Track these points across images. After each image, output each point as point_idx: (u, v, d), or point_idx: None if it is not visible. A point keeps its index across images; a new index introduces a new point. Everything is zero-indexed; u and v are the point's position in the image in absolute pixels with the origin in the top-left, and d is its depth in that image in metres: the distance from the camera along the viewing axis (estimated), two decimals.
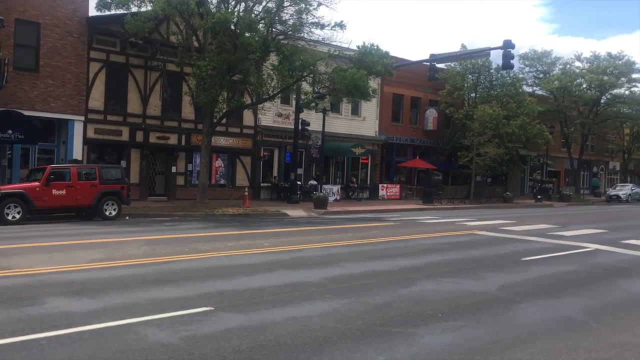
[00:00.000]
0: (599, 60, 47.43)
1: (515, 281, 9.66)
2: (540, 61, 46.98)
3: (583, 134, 48.67)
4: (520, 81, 43.12)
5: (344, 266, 10.55)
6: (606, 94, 47.24)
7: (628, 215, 27.98)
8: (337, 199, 31.95)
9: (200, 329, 6.24)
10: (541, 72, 47.07)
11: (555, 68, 47.31)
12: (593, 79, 44.88)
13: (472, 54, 31.38)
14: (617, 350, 5.98)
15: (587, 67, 47.47)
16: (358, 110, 36.48)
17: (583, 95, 45.94)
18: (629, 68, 46.53)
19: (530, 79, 47.30)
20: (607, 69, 45.73)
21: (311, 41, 24.01)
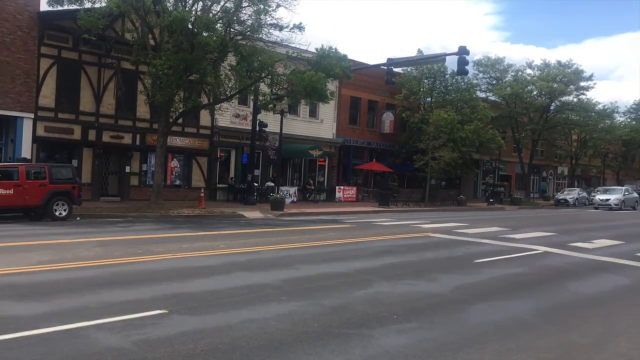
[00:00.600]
0: (549, 68, 48.94)
1: (468, 283, 9.85)
2: (494, 68, 48.15)
3: (533, 139, 50.09)
4: (474, 87, 44.04)
5: (300, 268, 10.55)
6: (556, 101, 48.77)
7: (575, 219, 28.91)
8: (294, 201, 31.93)
9: (153, 333, 6.13)
10: (494, 78, 48.23)
11: (508, 75, 48.57)
12: (543, 86, 46.26)
13: (428, 59, 31.87)
14: (565, 350, 6.17)
15: (537, 74, 48.92)
16: (316, 112, 36.57)
17: (534, 101, 47.29)
18: (578, 76, 48.18)
19: (484, 85, 48.43)
20: (556, 77, 47.22)
21: (270, 42, 23.93)
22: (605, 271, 11.81)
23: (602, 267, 12.38)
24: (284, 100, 26.45)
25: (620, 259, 13.43)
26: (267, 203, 27.26)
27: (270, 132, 30.35)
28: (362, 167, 40.09)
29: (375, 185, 40.90)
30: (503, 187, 48.32)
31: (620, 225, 24.99)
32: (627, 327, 7.20)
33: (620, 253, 14.58)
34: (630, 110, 70.04)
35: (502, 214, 32.70)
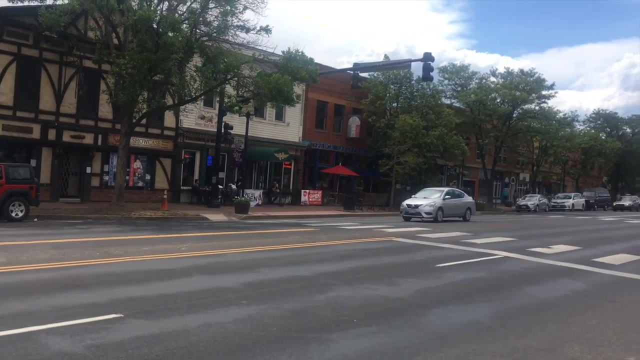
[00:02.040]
0: (512, 77, 49.99)
1: (428, 287, 9.92)
2: (458, 75, 48.91)
3: (496, 146, 51.02)
4: (439, 93, 44.66)
5: (262, 271, 10.47)
6: (518, 108, 49.82)
7: (535, 225, 29.49)
8: (259, 204, 31.79)
9: (107, 337, 5.97)
10: (459, 85, 48.99)
11: (472, 82, 49.41)
12: (506, 94, 47.20)
13: (394, 65, 32.21)
14: (520, 354, 6.24)
15: (501, 82, 49.91)
16: (282, 115, 36.52)
17: (497, 109, 48.18)
18: (539, 85, 49.33)
19: (449, 92, 49.15)
20: (519, 85, 48.26)
21: (236, 44, 23.81)
22: (562, 276, 12.04)
23: (559, 272, 12.61)
24: (250, 102, 26.35)
25: (576, 264, 13.71)
26: (231, 206, 27.07)
27: (235, 135, 30.18)
28: (328, 170, 40.18)
29: (341, 189, 41.05)
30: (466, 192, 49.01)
31: (579, 231, 25.57)
32: (582, 332, 7.33)
33: (577, 258, 14.90)
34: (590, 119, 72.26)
35: None
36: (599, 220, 37.45)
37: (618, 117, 73.03)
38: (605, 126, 72.61)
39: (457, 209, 29.03)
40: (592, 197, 60.92)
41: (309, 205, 35.37)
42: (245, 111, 27.10)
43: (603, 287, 11.01)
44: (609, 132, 72.20)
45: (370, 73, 39.68)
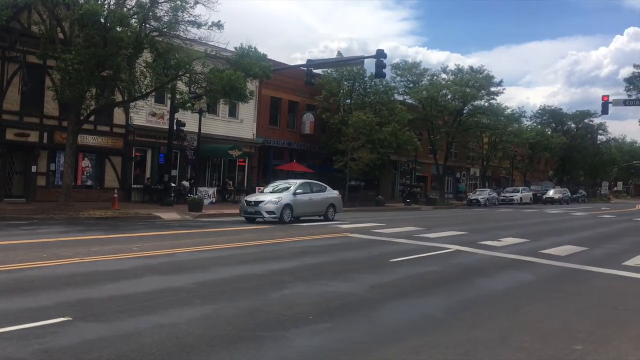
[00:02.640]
0: (462, 74, 50.95)
1: (383, 282, 10.01)
2: (410, 72, 49.52)
3: (448, 141, 51.94)
4: (392, 90, 45.11)
5: (216, 270, 10.34)
6: (468, 105, 50.84)
7: (485, 218, 30.20)
8: (212, 202, 31.42)
9: (55, 342, 5.77)
10: (411, 82, 49.60)
11: (424, 79, 50.12)
12: (457, 90, 48.09)
13: (347, 62, 32.33)
14: (473, 345, 6.37)
15: (452, 79, 50.81)
16: (235, 112, 36.19)
17: (448, 105, 49.04)
18: (488, 82, 50.46)
19: (402, 88, 49.72)
20: (469, 82, 49.22)
21: (187, 40, 23.39)
22: (511, 268, 12.37)
23: (509, 264, 12.95)
24: (203, 99, 25.99)
25: (525, 256, 14.11)
26: (184, 204, 26.66)
27: (188, 132, 29.72)
28: (282, 167, 40.03)
29: None
30: (419, 187, 49.80)
31: (527, 224, 26.34)
32: (531, 322, 7.54)
33: (525, 250, 15.35)
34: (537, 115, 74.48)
35: (418, 213, 33.66)
36: (545, 213, 38.66)
37: (563, 113, 75.51)
38: (551, 122, 74.95)
39: (314, 206, 23.77)
40: (539, 190, 62.87)
41: None
42: (198, 108, 26.69)
43: (550, 278, 11.36)
44: (554, 127, 74.52)
45: (323, 69, 39.62)
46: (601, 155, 78.48)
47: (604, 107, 28.65)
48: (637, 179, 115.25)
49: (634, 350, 6.42)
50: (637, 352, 6.35)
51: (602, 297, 9.56)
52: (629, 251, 16.34)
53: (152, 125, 30.77)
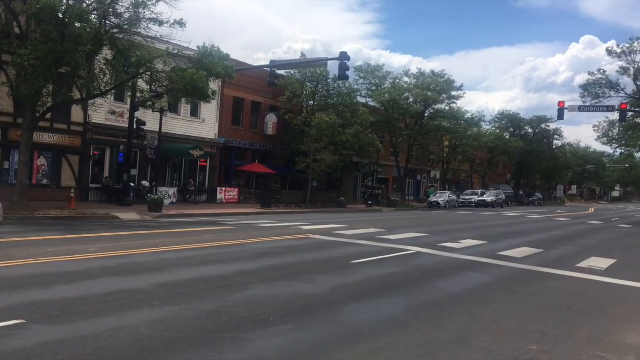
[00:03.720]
0: (424, 77, 51.53)
1: (344, 283, 10.05)
2: (373, 74, 49.85)
3: (409, 144, 52.48)
4: (355, 92, 45.36)
5: (176, 272, 10.20)
6: (429, 108, 51.46)
7: (445, 220, 30.65)
8: (173, 202, 31.01)
9: (8, 345, 5.60)
10: (374, 84, 49.93)
11: (387, 82, 50.50)
12: (419, 94, 48.62)
13: (311, 63, 32.37)
14: (433, 346, 6.45)
15: (414, 82, 51.34)
16: (198, 111, 35.81)
17: (410, 108, 49.53)
18: (449, 86, 51.18)
19: (364, 91, 49.99)
20: (430, 86, 49.83)
21: (149, 37, 22.98)
22: (470, 269, 12.58)
23: (468, 265, 13.17)
24: (164, 98, 25.63)
25: (484, 258, 14.38)
26: (144, 204, 26.22)
27: (148, 131, 29.26)
28: (244, 168, 39.83)
29: (258, 187, 40.81)
30: (381, 189, 50.22)
31: (486, 227, 26.84)
32: (488, 323, 7.68)
33: (484, 252, 15.64)
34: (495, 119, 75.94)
35: (380, 215, 33.92)
36: (503, 215, 39.49)
37: (520, 118, 77.15)
38: (509, 126, 76.54)
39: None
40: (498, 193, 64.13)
41: (226, 203, 34.90)
42: (159, 107, 26.31)
43: (507, 279, 11.60)
44: (512, 132, 76.14)
45: (287, 71, 39.65)
46: (557, 159, 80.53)
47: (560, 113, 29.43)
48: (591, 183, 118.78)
49: (587, 350, 6.60)
50: (589, 352, 6.54)
51: (557, 298, 9.81)
52: (582, 253, 16.83)
53: (112, 124, 30.16)
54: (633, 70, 36.85)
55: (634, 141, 42.00)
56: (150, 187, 30.17)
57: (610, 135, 42.34)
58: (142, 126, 27.91)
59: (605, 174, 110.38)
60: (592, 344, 6.89)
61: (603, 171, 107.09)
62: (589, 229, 29.54)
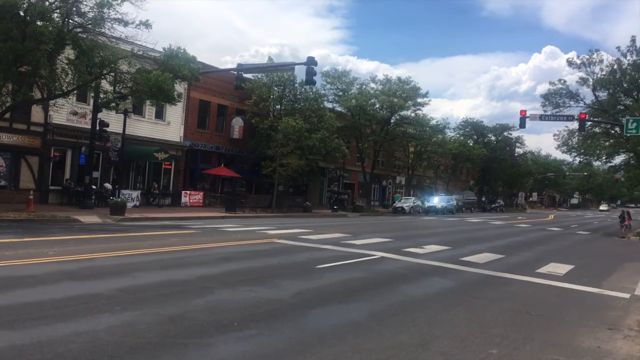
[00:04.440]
0: (390, 84, 52.06)
1: (309, 288, 10.05)
2: (340, 80, 50.13)
3: (375, 150, 52.90)
4: (322, 97, 45.52)
5: (138, 276, 10.03)
6: (395, 114, 52.00)
7: (410, 226, 30.96)
8: (136, 205, 30.54)
9: None
10: (341, 90, 50.21)
11: (353, 87, 50.85)
12: (385, 100, 49.08)
13: (278, 67, 32.35)
14: (395, 350, 6.50)
15: (380, 89, 51.82)
16: (163, 114, 35.40)
17: (376, 114, 49.96)
18: (415, 93, 51.82)
19: (331, 96, 50.25)
20: (397, 92, 50.37)
21: (113, 38, 22.66)
22: (433, 274, 12.73)
23: (431, 271, 13.33)
24: (128, 99, 25.27)
25: (447, 263, 14.58)
26: (106, 207, 25.75)
27: (112, 133, 28.79)
28: (210, 171, 39.51)
29: (223, 191, 40.54)
30: (347, 194, 50.42)
31: (449, 232, 27.21)
32: (450, 327, 7.78)
33: (446, 258, 15.85)
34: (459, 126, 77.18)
35: (345, 220, 34.04)
36: (466, 221, 40.10)
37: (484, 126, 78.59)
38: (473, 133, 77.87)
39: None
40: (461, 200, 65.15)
41: (190, 207, 34.55)
42: (123, 108, 25.92)
43: (469, 284, 11.78)
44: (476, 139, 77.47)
45: (254, 74, 39.63)
46: (518, 166, 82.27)
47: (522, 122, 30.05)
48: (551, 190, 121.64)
49: (545, 354, 6.75)
50: (547, 356, 6.69)
51: (517, 302, 10.01)
52: (541, 259, 17.23)
53: (73, 125, 29.57)
54: (592, 81, 37.95)
55: (592, 150, 43.10)
56: (113, 190, 29.64)
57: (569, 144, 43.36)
58: (105, 128, 27.44)
59: (565, 181, 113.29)
60: (550, 347, 7.05)
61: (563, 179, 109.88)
62: (549, 235, 30.24)
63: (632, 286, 12.74)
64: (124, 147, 29.16)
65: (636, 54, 35.78)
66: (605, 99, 38.32)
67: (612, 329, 8.29)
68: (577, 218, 64.85)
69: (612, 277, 14.15)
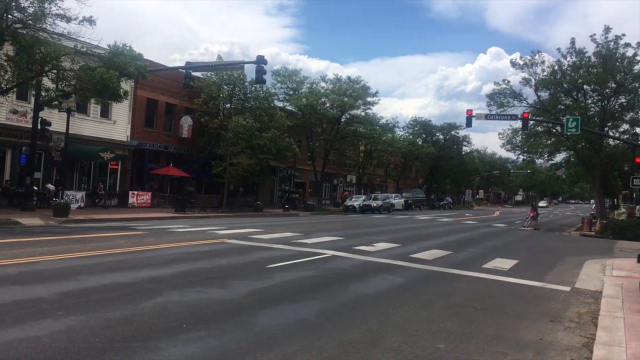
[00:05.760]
0: (340, 83, 52.39)
1: (260, 288, 10.01)
2: (291, 79, 50.11)
3: (326, 149, 53.13)
4: (272, 96, 45.36)
5: (83, 279, 9.75)
6: (346, 113, 52.37)
7: (360, 224, 31.23)
8: (81, 207, 29.68)
9: None
10: (291, 89, 50.20)
11: (304, 86, 50.93)
12: (335, 99, 49.36)
13: (227, 66, 32.02)
14: (346, 348, 6.55)
15: (330, 88, 52.08)
16: (108, 112, 34.52)
17: (326, 113, 50.18)
18: (365, 92, 52.31)
19: (282, 95, 50.17)
20: (347, 92, 50.73)
21: (55, 34, 21.95)
22: (383, 272, 12.89)
23: (381, 268, 13.49)
24: (72, 97, 24.51)
25: (396, 261, 14.78)
26: (49, 209, 24.89)
27: (54, 132, 27.88)
28: (158, 171, 38.79)
29: (172, 191, 39.87)
30: (298, 193, 50.40)
31: (399, 230, 27.60)
32: (400, 323, 7.90)
33: (396, 255, 16.07)
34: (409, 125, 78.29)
35: (296, 219, 34.04)
36: (415, 219, 40.78)
37: (432, 125, 79.98)
38: (422, 132, 79.11)
39: None
40: (410, 197, 66.15)
41: (138, 208, 33.81)
42: (66, 107, 25.14)
43: (418, 280, 11.99)
44: (424, 138, 78.74)
45: (203, 73, 39.11)
46: (465, 165, 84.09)
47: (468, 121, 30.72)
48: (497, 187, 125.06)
49: (490, 347, 6.94)
50: (492, 349, 6.87)
51: (464, 297, 10.24)
52: (487, 254, 17.69)
53: (13, 124, 28.47)
54: (534, 81, 39.17)
55: (535, 148, 44.48)
56: (56, 191, 28.70)
57: (513, 143, 44.62)
58: (47, 127, 26.53)
59: (510, 179, 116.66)
60: (494, 341, 7.25)
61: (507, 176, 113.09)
62: (494, 231, 31.08)
63: (573, 279, 13.24)
64: (67, 146, 28.28)
65: (575, 55, 37.17)
66: (547, 98, 39.61)
67: (553, 321, 8.59)
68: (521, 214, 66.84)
69: (554, 271, 14.66)
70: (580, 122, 28.73)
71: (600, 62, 35.84)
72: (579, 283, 12.70)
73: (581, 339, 7.56)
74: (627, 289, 11.06)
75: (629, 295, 10.23)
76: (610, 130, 39.81)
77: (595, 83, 36.17)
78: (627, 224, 30.48)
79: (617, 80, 36.19)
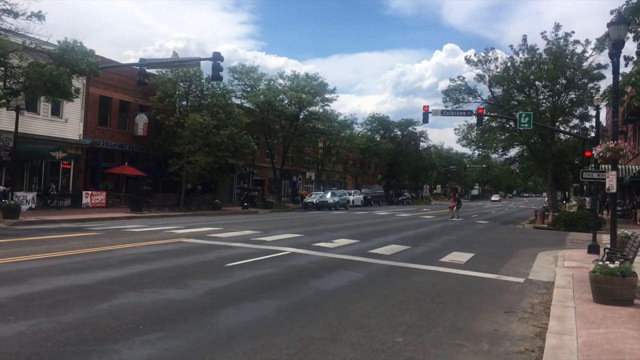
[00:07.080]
0: (298, 80, 52.38)
1: (218, 287, 9.92)
2: (248, 76, 49.81)
3: (284, 146, 53.03)
4: (229, 93, 44.96)
5: (34, 283, 9.47)
6: (304, 110, 52.40)
7: (320, 221, 31.30)
8: (32, 208, 28.82)
9: None
10: (249, 86, 49.90)
11: (261, 83, 50.70)
12: (293, 96, 49.32)
13: (183, 63, 31.56)
14: (305, 344, 6.55)
15: (288, 84, 52.01)
16: (60, 110, 33.58)
17: (285, 110, 50.09)
18: (323, 89, 52.45)
19: (239, 92, 49.78)
20: (305, 88, 50.75)
21: (2, 30, 21.21)
22: (343, 268, 12.95)
23: (340, 264, 13.55)
24: (20, 95, 23.72)
25: (355, 256, 14.88)
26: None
27: (3, 131, 27.01)
28: (113, 170, 37.96)
29: (128, 190, 39.07)
30: (257, 191, 50.15)
31: (358, 226, 27.79)
32: (359, 318, 7.95)
33: (355, 251, 16.18)
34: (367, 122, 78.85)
35: (256, 217, 33.89)
36: (374, 215, 41.12)
37: (390, 121, 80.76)
38: (380, 129, 79.80)
39: None
40: (369, 193, 66.72)
41: (92, 208, 33.04)
42: (15, 105, 24.28)
43: (377, 276, 12.09)
44: (382, 134, 79.44)
45: (158, 70, 38.39)
46: (423, 160, 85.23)
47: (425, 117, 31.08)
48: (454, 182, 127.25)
49: (447, 339, 7.06)
50: (449, 341, 6.99)
51: (422, 291, 10.38)
52: (444, 248, 17.99)
53: None
54: (488, 77, 39.97)
55: (490, 143, 45.40)
56: (5, 192, 27.74)
57: (469, 138, 45.38)
58: None
59: (466, 173, 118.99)
60: (451, 333, 7.38)
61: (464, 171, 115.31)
62: (452, 225, 31.62)
63: (527, 271, 13.59)
64: (16, 146, 27.35)
65: (527, 52, 38.09)
66: (500, 94, 40.48)
67: (508, 312, 8.80)
68: (477, 208, 68.29)
69: (509, 264, 15.01)
70: (532, 117, 29.44)
71: (551, 59, 36.80)
72: (533, 274, 13.04)
73: (534, 329, 7.76)
74: (578, 279, 11.41)
75: (580, 285, 10.55)
76: (561, 125, 40.99)
77: (546, 79, 37.15)
78: (577, 216, 31.45)
79: (567, 77, 37.28)
